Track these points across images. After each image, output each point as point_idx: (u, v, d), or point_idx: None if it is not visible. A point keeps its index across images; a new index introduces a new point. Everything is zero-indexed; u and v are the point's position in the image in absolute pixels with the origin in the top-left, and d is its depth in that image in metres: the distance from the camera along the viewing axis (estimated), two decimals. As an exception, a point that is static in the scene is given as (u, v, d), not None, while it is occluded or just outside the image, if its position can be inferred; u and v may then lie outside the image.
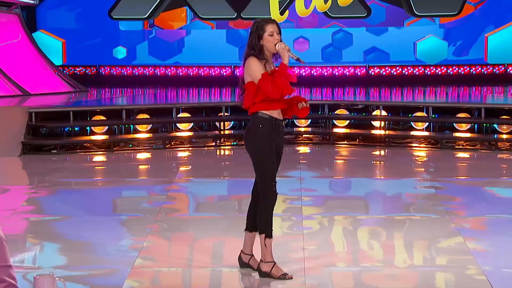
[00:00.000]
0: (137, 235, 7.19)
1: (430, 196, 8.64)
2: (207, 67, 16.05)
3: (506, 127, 11.81)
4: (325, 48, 16.01)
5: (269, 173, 5.84)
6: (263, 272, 5.92)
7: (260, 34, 5.69)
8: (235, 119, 12.61)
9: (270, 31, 5.69)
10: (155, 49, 16.24)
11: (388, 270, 6.10)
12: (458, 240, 6.87)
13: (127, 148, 11.94)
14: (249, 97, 5.79)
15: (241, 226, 7.46)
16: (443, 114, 12.28)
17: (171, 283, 5.97)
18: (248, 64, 5.71)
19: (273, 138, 5.85)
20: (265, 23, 5.71)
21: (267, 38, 5.69)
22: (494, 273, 5.98)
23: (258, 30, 5.69)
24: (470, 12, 15.81)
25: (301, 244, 6.75)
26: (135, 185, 9.66)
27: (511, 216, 7.75)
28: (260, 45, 5.69)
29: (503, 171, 10.62)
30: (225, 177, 10.37)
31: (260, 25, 5.69)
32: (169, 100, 14.02)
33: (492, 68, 15.67)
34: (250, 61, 5.70)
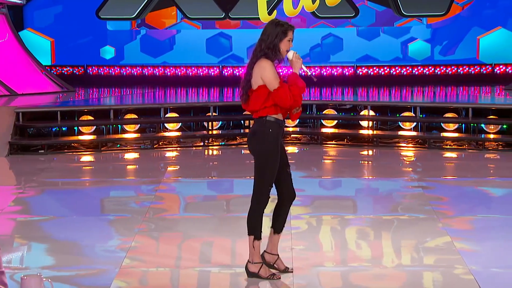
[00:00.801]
0: (125, 235, 7.18)
1: (418, 196, 8.66)
2: (195, 67, 16.04)
3: (493, 127, 11.84)
4: (313, 48, 16.02)
5: (270, 178, 5.86)
6: (251, 273, 5.92)
7: (282, 37, 5.75)
8: (223, 119, 12.61)
9: (290, 37, 5.78)
10: (143, 48, 16.21)
11: (376, 270, 6.11)
12: (445, 240, 6.89)
13: (115, 148, 11.92)
14: (259, 101, 5.79)
15: (229, 226, 7.47)
16: (431, 114, 12.31)
17: (159, 283, 5.96)
18: (263, 68, 5.74)
19: (278, 142, 5.89)
20: (289, 28, 5.78)
21: (286, 43, 5.77)
22: (482, 273, 6.00)
23: (281, 34, 5.74)
24: (457, 12, 15.86)
25: (289, 244, 6.75)
26: (123, 185, 9.64)
27: (498, 216, 7.78)
28: (279, 47, 5.74)
29: (490, 171, 10.66)
30: (213, 177, 10.37)
31: (284, 28, 5.75)
32: (157, 100, 14.01)
33: (479, 68, 15.73)
34: (266, 65, 5.74)
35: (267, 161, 5.84)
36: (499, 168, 10.72)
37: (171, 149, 11.87)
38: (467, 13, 15.84)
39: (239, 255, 6.53)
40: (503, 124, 11.83)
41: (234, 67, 15.98)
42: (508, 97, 13.51)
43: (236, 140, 12.33)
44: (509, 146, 11.52)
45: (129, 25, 16.26)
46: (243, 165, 10.91)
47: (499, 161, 10.99)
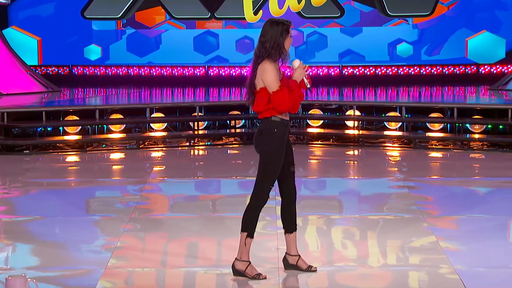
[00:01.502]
0: (110, 236, 7.17)
1: (403, 196, 8.68)
2: (180, 67, 16.01)
3: (478, 127, 11.89)
4: (298, 46, 16.02)
5: (272, 177, 5.89)
6: (237, 270, 5.92)
7: (285, 35, 5.79)
8: (209, 119, 12.59)
9: (291, 33, 5.83)
10: (128, 48, 16.17)
11: (362, 270, 6.12)
12: (431, 240, 6.91)
13: (101, 148, 11.88)
14: (262, 103, 5.82)
15: (215, 226, 7.46)
16: (416, 114, 12.34)
17: (145, 283, 5.95)
18: (265, 70, 5.76)
19: (284, 141, 5.90)
20: (289, 25, 5.83)
21: (289, 39, 5.82)
22: (467, 272, 6.02)
23: (284, 31, 5.78)
24: (443, 12, 15.91)
25: (275, 244, 6.75)
26: (109, 185, 9.62)
27: (483, 216, 7.81)
28: (283, 45, 5.77)
29: (476, 171, 10.70)
30: (199, 177, 10.36)
31: (286, 26, 5.80)
32: (142, 100, 13.98)
33: (464, 68, 15.78)
34: (268, 67, 5.76)
35: (270, 161, 5.87)
36: (484, 168, 10.76)
37: (156, 149, 11.85)
38: (452, 13, 15.90)
39: (225, 255, 6.53)
40: (488, 124, 11.87)
41: (219, 67, 15.96)
42: (493, 97, 13.57)
43: (222, 140, 12.32)
44: (494, 146, 11.56)
45: (114, 25, 16.22)
46: (229, 165, 10.91)
47: (484, 161, 11.03)
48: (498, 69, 15.68)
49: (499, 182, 9.57)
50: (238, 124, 12.60)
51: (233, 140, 12.36)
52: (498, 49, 15.80)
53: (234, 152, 11.86)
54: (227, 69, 15.92)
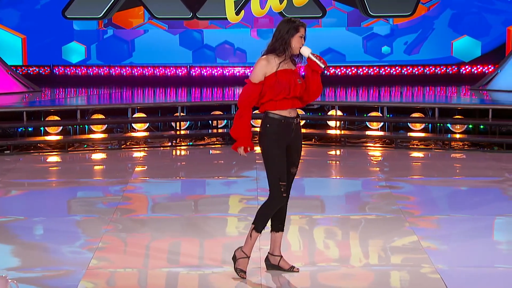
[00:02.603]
0: (92, 236, 7.14)
1: (385, 196, 8.70)
2: (162, 67, 15.99)
3: (459, 126, 11.94)
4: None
5: (277, 173, 5.87)
6: (234, 255, 5.98)
7: (293, 33, 5.81)
8: (191, 119, 12.58)
9: (302, 34, 5.84)
10: (110, 48, 16.13)
11: (344, 270, 6.13)
12: (412, 239, 6.94)
13: (82, 148, 11.84)
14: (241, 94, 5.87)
15: (197, 227, 7.46)
16: (398, 114, 12.38)
17: (126, 284, 5.94)
18: (256, 62, 5.85)
19: (282, 137, 5.87)
20: (301, 25, 5.85)
21: (298, 39, 5.82)
22: (448, 271, 6.05)
23: (292, 29, 5.81)
24: (423, 13, 15.97)
25: (257, 244, 6.75)
26: (90, 186, 9.59)
27: (464, 215, 7.85)
28: (289, 42, 5.80)
29: (457, 171, 10.74)
30: (181, 178, 10.35)
31: (296, 25, 5.83)
32: (124, 100, 13.93)
33: (445, 68, 15.86)
34: (259, 61, 5.83)
35: (267, 157, 5.89)
36: (465, 167, 10.82)
37: (138, 150, 11.82)
38: (433, 14, 15.97)
39: (207, 255, 6.53)
40: (469, 124, 11.93)
41: (202, 67, 15.95)
42: (473, 97, 13.64)
43: (204, 140, 12.31)
44: (475, 146, 11.62)
45: (95, 25, 16.17)
46: (211, 165, 10.90)
47: (465, 160, 11.09)
48: (479, 69, 15.77)
49: (480, 182, 9.62)
50: (220, 124, 12.60)
51: (215, 140, 12.36)
52: (474, 50, 15.90)
53: (216, 152, 11.86)
54: (209, 69, 15.91)
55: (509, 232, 7.49)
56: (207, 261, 6.37)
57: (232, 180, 9.88)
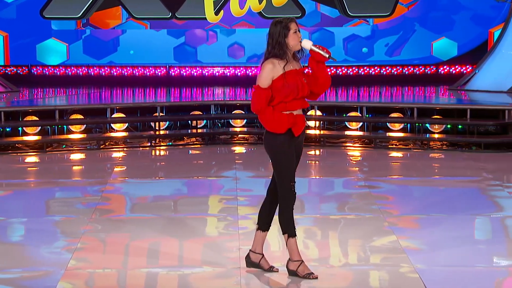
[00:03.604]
0: (70, 237, 7.11)
1: (364, 195, 8.72)
2: (141, 67, 15.95)
3: (438, 126, 12.00)
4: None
5: (288, 173, 5.88)
6: (290, 270, 5.96)
7: (286, 33, 5.78)
8: (170, 119, 12.55)
9: (294, 29, 5.79)
10: (89, 48, 16.06)
11: (323, 269, 6.14)
12: (391, 239, 6.96)
13: (61, 148, 11.79)
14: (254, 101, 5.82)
15: (177, 227, 7.44)
16: (377, 114, 12.42)
17: (105, 284, 5.92)
18: (261, 69, 5.82)
19: (291, 139, 5.88)
20: (289, 21, 5.81)
21: (293, 35, 5.79)
22: (426, 271, 6.07)
23: (283, 29, 5.77)
24: (402, 13, 16.03)
25: (237, 244, 6.75)
26: (69, 186, 9.54)
27: (442, 215, 7.88)
28: (286, 43, 5.76)
29: (435, 170, 10.79)
30: (160, 178, 10.32)
31: (284, 23, 5.79)
32: (103, 100, 13.88)
33: (424, 69, 15.92)
34: (264, 67, 5.80)
35: (276, 157, 5.90)
36: (443, 167, 10.87)
37: (117, 150, 11.78)
38: (411, 14, 16.03)
39: (186, 255, 6.52)
40: (447, 124, 11.99)
41: (181, 67, 15.92)
42: (452, 97, 13.70)
43: (184, 140, 12.29)
44: (453, 146, 11.68)
45: (74, 25, 16.10)
46: (190, 166, 10.89)
47: (444, 160, 11.14)
48: (457, 69, 15.85)
49: (458, 181, 9.67)
50: (199, 124, 12.59)
51: (195, 140, 12.34)
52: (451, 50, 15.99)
53: (196, 153, 11.84)
54: (189, 69, 15.89)
55: (487, 232, 7.53)
56: (186, 261, 6.36)
57: (212, 180, 9.87)
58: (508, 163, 10.76)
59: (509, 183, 9.75)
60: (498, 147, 11.47)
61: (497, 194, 8.92)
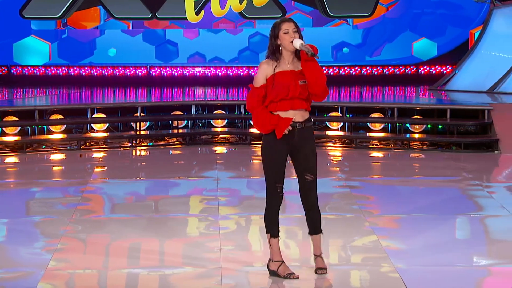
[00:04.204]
0: (50, 237, 7.08)
1: (345, 195, 8.74)
2: (121, 67, 15.90)
3: (418, 126, 12.04)
4: (242, 51, 16.03)
5: (272, 174, 5.93)
6: (270, 270, 5.95)
7: (276, 33, 5.79)
8: (151, 119, 12.52)
9: (285, 29, 5.76)
10: (68, 48, 15.99)
11: (304, 269, 6.14)
12: (372, 239, 6.98)
13: (40, 149, 11.73)
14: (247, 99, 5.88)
15: (157, 227, 7.43)
16: (357, 114, 12.45)
17: (86, 285, 5.89)
18: (258, 66, 5.85)
19: (280, 141, 5.86)
20: (281, 22, 5.81)
21: (282, 36, 5.78)
22: (407, 270, 6.09)
23: (274, 30, 5.79)
24: (382, 13, 16.08)
25: (218, 244, 6.75)
26: (49, 187, 9.50)
27: (423, 215, 7.91)
28: (277, 44, 5.77)
29: (416, 170, 10.83)
30: (141, 178, 10.30)
31: (276, 24, 5.81)
32: (83, 101, 13.84)
33: (404, 69, 15.97)
34: (260, 67, 5.83)
35: (262, 157, 5.94)
36: (423, 167, 10.91)
37: (98, 150, 11.74)
38: (391, 14, 16.08)
39: (167, 256, 6.51)
40: (428, 123, 12.04)
41: (161, 67, 15.89)
42: (432, 97, 13.76)
43: (164, 140, 12.27)
44: (433, 146, 11.73)
45: (54, 25, 16.03)
46: (171, 166, 10.86)
47: (424, 160, 11.18)
48: (437, 69, 15.92)
49: (439, 181, 9.71)
50: (180, 124, 12.57)
51: (176, 140, 12.32)
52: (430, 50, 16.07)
53: (177, 153, 11.82)
54: (169, 69, 15.86)
55: (467, 231, 7.57)
56: (167, 261, 6.35)
57: (193, 180, 9.86)
58: (487, 163, 10.82)
59: (489, 182, 9.80)
60: (477, 147, 11.53)
61: (476, 193, 8.96)
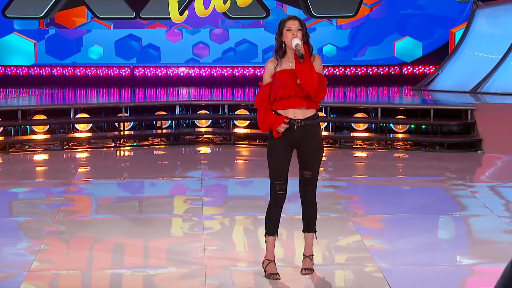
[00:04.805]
0: (34, 238, 7.05)
1: (329, 195, 8.75)
2: (105, 67, 15.86)
3: (402, 126, 12.08)
4: (226, 52, 16.03)
5: (272, 172, 5.95)
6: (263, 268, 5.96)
7: (281, 30, 5.79)
8: (134, 119, 12.50)
9: (288, 27, 5.75)
10: (52, 48, 15.94)
11: (288, 269, 6.15)
12: (356, 238, 6.99)
13: (24, 149, 11.68)
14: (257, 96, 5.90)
15: (141, 227, 7.41)
16: (341, 114, 12.47)
17: (69, 285, 5.87)
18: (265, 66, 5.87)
19: (281, 138, 5.89)
20: (286, 20, 5.81)
21: (285, 33, 5.77)
22: (390, 270, 6.11)
23: (279, 27, 5.80)
24: (366, 13, 16.12)
25: (202, 245, 6.74)
26: (32, 187, 9.46)
27: (406, 214, 7.94)
28: (281, 41, 5.78)
29: (399, 170, 10.86)
30: (125, 178, 10.27)
31: (282, 21, 5.81)
32: (67, 101, 13.79)
33: (388, 69, 16.02)
34: (266, 64, 5.86)
35: (267, 155, 5.98)
36: (407, 167, 10.94)
37: (81, 150, 11.70)
38: (375, 15, 16.12)
39: (151, 256, 6.49)
40: (411, 124, 12.08)
41: (145, 67, 15.87)
42: (415, 97, 13.81)
43: (148, 140, 12.25)
44: (417, 146, 11.77)
45: (37, 25, 15.96)
46: (155, 166, 10.84)
47: (407, 160, 11.22)
48: (420, 69, 15.97)
49: (422, 181, 9.74)
50: (164, 124, 12.55)
51: (160, 140, 12.30)
52: (415, 50, 16.12)
53: (161, 153, 11.80)
54: (153, 70, 15.83)
55: (450, 231, 7.60)
56: (151, 262, 6.34)
57: (177, 180, 9.84)
58: (470, 163, 10.87)
59: (472, 182, 9.84)
60: (461, 147, 11.58)
61: (460, 193, 9.00)
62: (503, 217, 7.68)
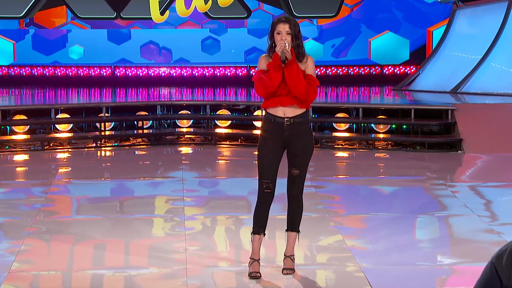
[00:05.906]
0: (14, 239, 7.01)
1: (310, 195, 8.76)
2: (86, 67, 15.81)
3: (383, 126, 12.12)
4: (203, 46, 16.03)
5: (261, 171, 5.94)
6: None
7: (272, 31, 5.78)
8: (116, 119, 12.46)
9: (278, 30, 5.72)
10: (32, 48, 15.87)
11: (270, 269, 6.15)
12: (337, 238, 7.00)
13: (4, 150, 11.62)
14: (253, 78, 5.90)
15: (122, 228, 7.39)
16: (323, 114, 12.49)
17: (50, 286, 5.85)
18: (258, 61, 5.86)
19: (272, 136, 5.86)
20: (277, 22, 5.77)
21: (275, 36, 5.76)
22: (372, 270, 6.12)
23: (271, 27, 5.78)
24: (347, 14, 16.16)
25: (183, 245, 6.73)
26: (12, 188, 9.41)
27: (387, 214, 7.96)
28: (272, 40, 5.77)
29: (380, 170, 10.89)
30: (106, 179, 10.24)
31: (273, 22, 5.80)
32: (47, 101, 13.73)
33: (369, 69, 16.06)
34: (259, 60, 5.85)
35: (258, 154, 5.93)
36: (388, 166, 10.98)
37: (62, 151, 11.66)
38: (356, 15, 16.16)
39: (132, 256, 6.48)
40: (392, 124, 12.12)
41: (126, 67, 15.83)
42: (396, 97, 13.85)
43: (129, 141, 12.22)
44: (398, 146, 11.81)
45: (17, 24, 15.89)
46: (136, 166, 10.82)
47: (388, 160, 11.25)
48: (401, 70, 16.02)
49: (403, 180, 9.77)
50: (145, 124, 12.53)
51: (141, 140, 12.28)
52: (402, 50, 16.15)
53: (142, 153, 11.77)
54: (134, 70, 15.80)
55: (431, 230, 7.63)
56: (132, 262, 6.32)
57: (158, 181, 9.82)
58: (451, 163, 10.92)
59: (452, 182, 9.88)
60: (441, 147, 11.63)
61: (440, 193, 9.04)
62: (483, 217, 7.72)
